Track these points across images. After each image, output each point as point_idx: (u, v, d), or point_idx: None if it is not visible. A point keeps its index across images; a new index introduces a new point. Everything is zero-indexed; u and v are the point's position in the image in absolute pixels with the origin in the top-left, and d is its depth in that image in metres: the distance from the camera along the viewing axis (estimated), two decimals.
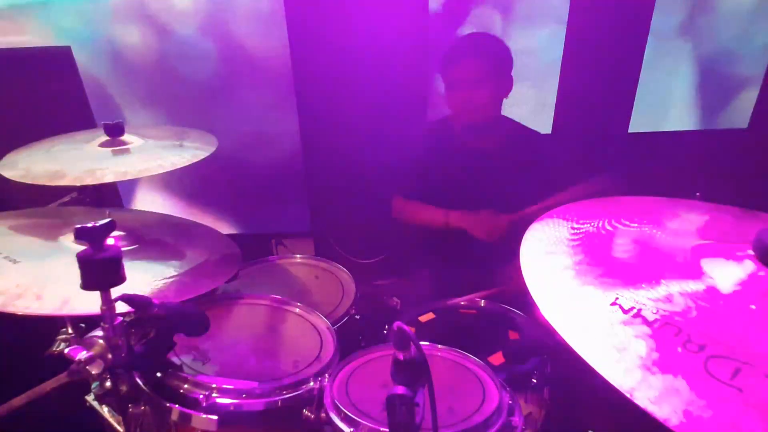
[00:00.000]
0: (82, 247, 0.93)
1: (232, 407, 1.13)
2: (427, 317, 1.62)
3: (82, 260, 0.91)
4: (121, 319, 0.99)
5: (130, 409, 1.13)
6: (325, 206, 2.69)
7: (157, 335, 1.04)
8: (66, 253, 1.19)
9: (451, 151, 1.99)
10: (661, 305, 0.72)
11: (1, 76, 2.03)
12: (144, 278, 1.18)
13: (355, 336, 1.59)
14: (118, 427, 1.20)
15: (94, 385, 1.17)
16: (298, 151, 2.61)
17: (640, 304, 0.73)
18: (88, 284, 0.93)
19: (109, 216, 0.95)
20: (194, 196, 2.76)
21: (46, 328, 1.36)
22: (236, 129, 2.57)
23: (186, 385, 1.14)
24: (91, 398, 1.22)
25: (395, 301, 1.80)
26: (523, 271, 0.85)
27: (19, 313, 1.00)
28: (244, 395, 1.14)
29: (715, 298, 0.73)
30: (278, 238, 2.81)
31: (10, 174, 1.32)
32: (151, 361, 1.07)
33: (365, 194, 2.49)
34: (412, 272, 2.17)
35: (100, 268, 0.92)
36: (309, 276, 1.80)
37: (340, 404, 1.10)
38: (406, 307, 1.73)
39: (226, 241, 1.49)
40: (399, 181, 2.10)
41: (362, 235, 2.59)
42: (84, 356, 0.95)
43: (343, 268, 1.81)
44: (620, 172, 1.61)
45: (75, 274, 0.92)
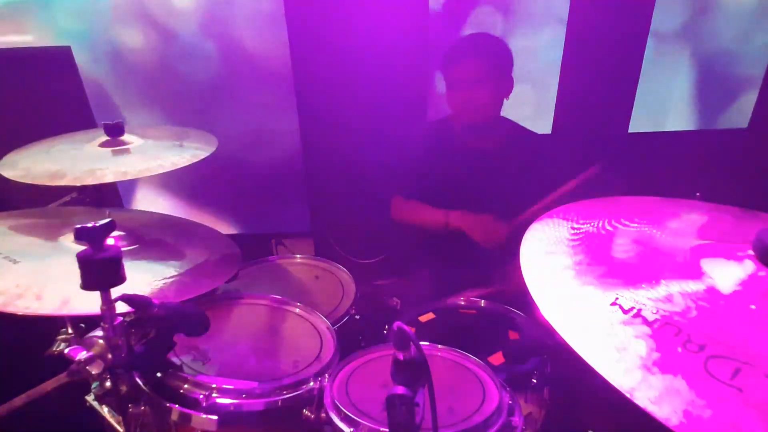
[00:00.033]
0: (82, 247, 0.93)
1: (232, 407, 1.13)
2: (427, 317, 1.61)
3: (82, 260, 0.91)
4: (121, 319, 0.99)
5: (130, 409, 1.13)
6: (325, 206, 2.69)
7: (157, 335, 1.04)
8: (66, 253, 1.19)
9: (451, 152, 2.00)
10: (661, 305, 0.72)
11: (1, 76, 2.03)
12: (144, 278, 1.18)
13: (355, 336, 1.59)
14: (118, 427, 1.20)
15: (94, 385, 1.17)
16: (298, 151, 2.61)
17: (640, 304, 0.73)
18: (88, 284, 0.93)
19: (109, 216, 0.95)
20: (194, 196, 2.76)
21: (46, 328, 1.36)
22: (236, 129, 2.57)
23: (186, 385, 1.14)
24: (91, 398, 1.21)
25: (395, 301, 1.80)
26: (523, 271, 0.85)
27: (19, 313, 1.00)
28: (244, 395, 1.14)
29: (715, 298, 0.73)
30: (278, 238, 2.81)
31: (10, 174, 1.32)
32: (151, 361, 1.07)
33: (365, 194, 2.49)
34: (412, 272, 2.16)
35: (100, 268, 0.92)
36: (309, 276, 1.80)
37: (340, 404, 1.10)
38: (406, 307, 1.73)
39: (226, 241, 1.48)
40: (399, 181, 2.10)
41: (362, 235, 2.59)
42: (84, 356, 0.95)
43: (343, 268, 1.81)
44: (611, 163, 1.62)
45: (75, 274, 0.92)
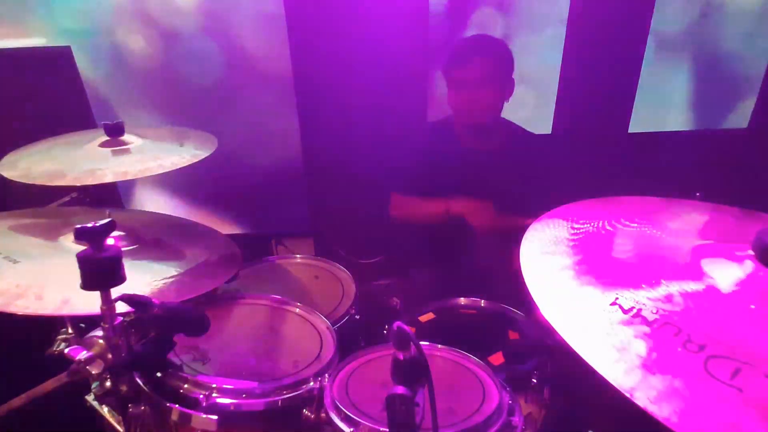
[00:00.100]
0: (82, 247, 0.93)
1: (232, 407, 1.13)
2: (427, 317, 1.61)
3: (82, 260, 0.91)
4: (121, 319, 0.99)
5: (130, 409, 1.12)
6: (325, 206, 2.69)
7: (157, 335, 1.04)
8: (66, 253, 1.19)
9: (451, 152, 1.99)
10: (661, 305, 0.72)
11: (1, 76, 2.03)
12: (144, 278, 1.18)
13: (355, 336, 1.59)
14: (118, 427, 1.20)
15: (94, 385, 1.17)
16: (298, 151, 2.61)
17: (640, 304, 0.73)
18: (88, 284, 0.93)
19: (109, 216, 0.95)
20: (194, 196, 2.76)
21: (46, 328, 1.36)
22: (236, 129, 2.57)
23: (186, 385, 1.15)
24: (91, 398, 1.21)
25: (395, 301, 1.80)
26: (523, 271, 0.85)
27: (19, 313, 1.00)
28: (244, 395, 1.14)
29: (715, 298, 0.73)
30: (278, 238, 2.81)
31: (10, 174, 1.32)
32: (151, 361, 1.06)
33: (365, 194, 2.49)
34: (412, 272, 2.16)
35: (100, 268, 0.92)
36: (309, 276, 1.80)
37: (340, 404, 1.10)
38: (406, 307, 1.73)
39: (226, 241, 1.48)
40: (398, 181, 2.10)
41: (362, 235, 2.59)
42: (84, 356, 0.95)
43: (343, 268, 1.80)
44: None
45: (75, 274, 0.92)
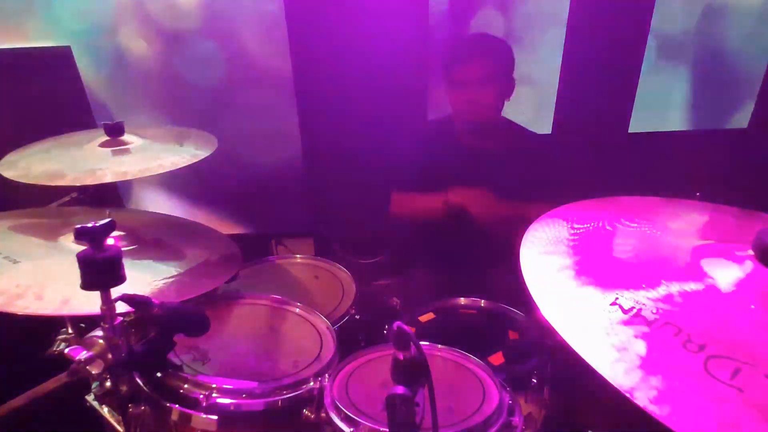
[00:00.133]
0: (82, 247, 0.93)
1: (232, 407, 1.13)
2: (427, 317, 1.61)
3: (82, 260, 0.91)
4: (121, 319, 0.99)
5: (130, 409, 1.13)
6: (325, 206, 2.69)
7: (157, 335, 1.04)
8: (66, 253, 1.20)
9: (451, 152, 1.99)
10: (661, 305, 0.72)
11: (1, 76, 2.03)
12: (144, 278, 1.18)
13: (355, 336, 1.59)
14: (118, 427, 1.20)
15: (94, 385, 1.17)
16: (298, 151, 2.61)
17: (640, 304, 0.73)
18: (88, 284, 0.93)
19: (109, 216, 0.95)
20: (194, 196, 2.76)
21: (46, 328, 1.36)
22: (236, 129, 2.57)
23: (186, 385, 1.14)
24: (91, 398, 1.21)
25: (395, 301, 1.80)
26: (523, 271, 0.85)
27: (19, 313, 1.00)
28: (244, 395, 1.14)
29: (715, 298, 0.73)
30: (278, 238, 2.81)
31: (10, 174, 1.32)
32: (151, 361, 1.07)
33: (365, 194, 2.49)
34: (412, 272, 2.17)
35: (100, 268, 0.92)
36: (309, 276, 1.80)
37: (340, 404, 1.10)
38: (406, 307, 1.73)
39: (226, 241, 1.48)
40: (399, 181, 2.10)
41: (362, 235, 2.59)
42: (84, 356, 0.95)
43: (343, 268, 1.81)
44: None
45: (75, 274, 0.92)
